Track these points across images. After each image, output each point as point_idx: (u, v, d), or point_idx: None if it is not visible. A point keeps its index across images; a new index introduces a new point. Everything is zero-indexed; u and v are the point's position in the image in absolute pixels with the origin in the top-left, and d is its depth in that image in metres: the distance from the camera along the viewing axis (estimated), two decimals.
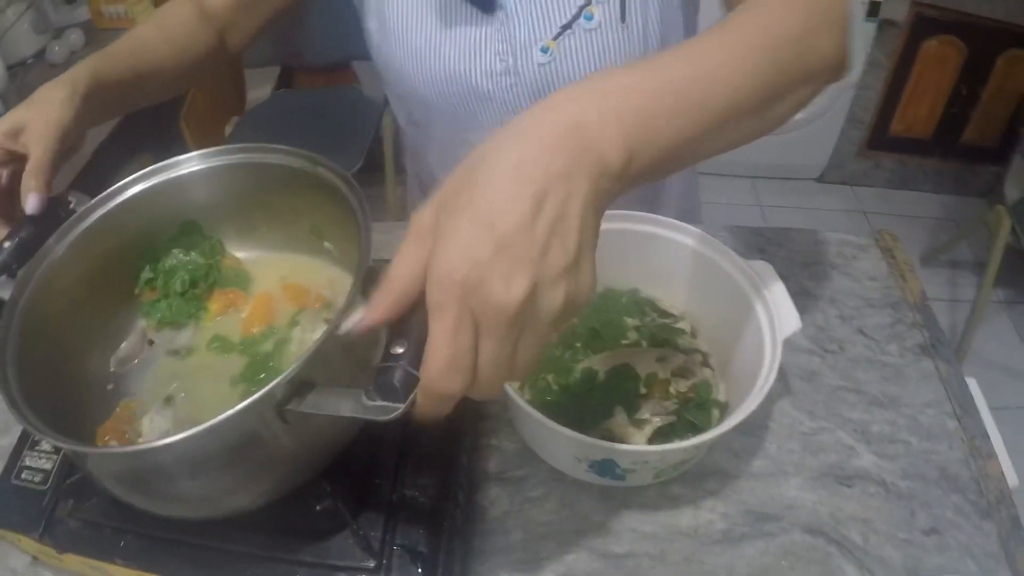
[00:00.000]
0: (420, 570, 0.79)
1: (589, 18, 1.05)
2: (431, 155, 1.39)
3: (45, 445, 0.91)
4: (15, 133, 0.90)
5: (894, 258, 1.38)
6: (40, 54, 2.36)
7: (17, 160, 0.91)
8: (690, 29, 1.20)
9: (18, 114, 0.91)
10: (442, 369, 0.54)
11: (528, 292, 0.51)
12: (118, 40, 1.09)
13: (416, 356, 0.55)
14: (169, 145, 2.57)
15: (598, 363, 1.05)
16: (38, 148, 0.88)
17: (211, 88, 2.80)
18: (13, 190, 0.91)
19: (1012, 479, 1.09)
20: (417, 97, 1.21)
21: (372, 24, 1.17)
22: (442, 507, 0.84)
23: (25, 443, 0.92)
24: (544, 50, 1.09)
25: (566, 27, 1.07)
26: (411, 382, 0.57)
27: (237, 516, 0.78)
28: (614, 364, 1.04)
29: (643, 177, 0.60)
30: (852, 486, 1.03)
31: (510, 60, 1.11)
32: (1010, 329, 3.43)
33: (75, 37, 2.35)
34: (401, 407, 0.58)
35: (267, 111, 3.03)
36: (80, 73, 0.96)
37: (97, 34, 2.36)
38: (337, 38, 2.61)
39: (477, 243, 0.51)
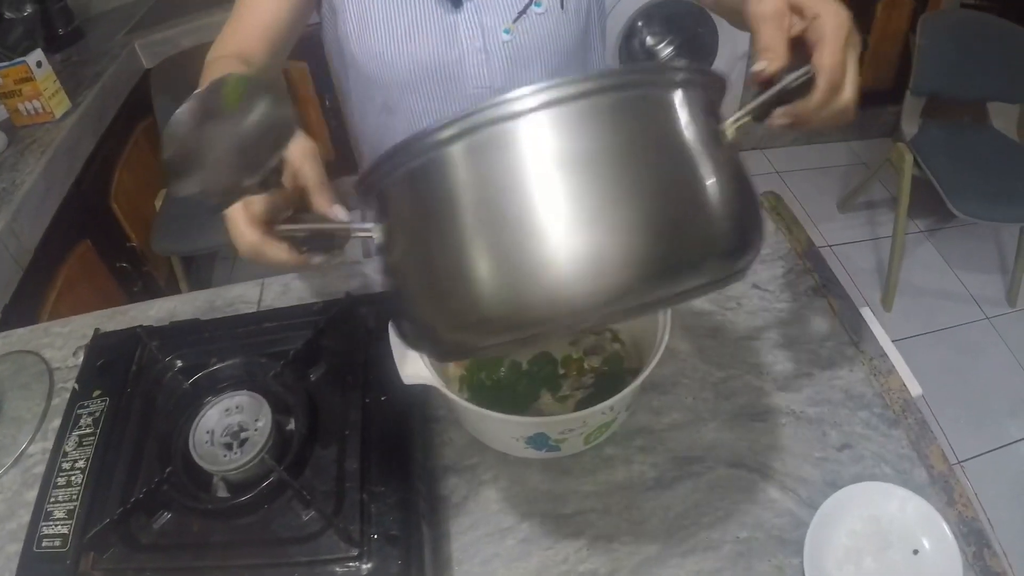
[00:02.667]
0: (397, 550, 0.92)
1: (538, 5, 1.30)
2: (400, 137, 1.44)
3: (59, 512, 1.02)
4: (290, 174, 0.88)
5: (779, 215, 1.50)
6: None
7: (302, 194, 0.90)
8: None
9: None
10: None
11: None
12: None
13: None
14: (105, 228, 2.64)
15: (521, 355, 1.17)
16: (312, 172, 0.86)
17: (135, 166, 2.85)
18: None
19: (915, 389, 1.20)
20: (397, 82, 1.36)
21: (347, 26, 1.31)
22: (407, 496, 0.97)
23: (40, 515, 1.03)
24: (507, 31, 1.30)
25: (522, 12, 1.29)
26: None
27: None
28: (534, 353, 1.17)
29: None
30: (765, 420, 1.15)
31: (480, 41, 1.30)
32: (935, 255, 3.58)
33: None
34: None
35: None
36: None
37: (17, 131, 2.39)
38: None
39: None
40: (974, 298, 3.37)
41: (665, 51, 3.86)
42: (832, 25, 0.74)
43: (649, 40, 3.86)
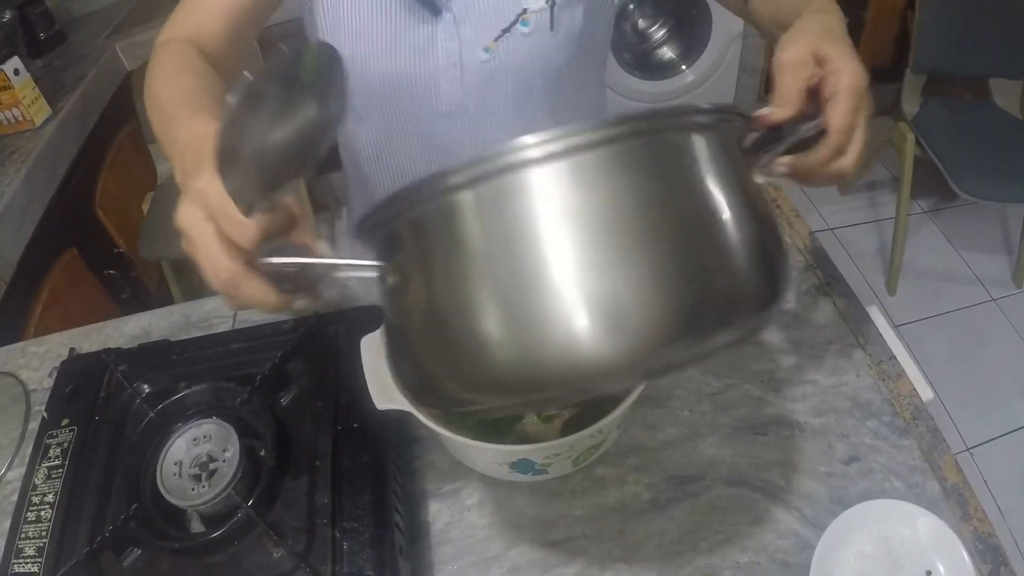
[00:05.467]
0: None
1: (525, 24, 1.18)
2: (366, 148, 1.41)
3: (29, 550, 0.97)
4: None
5: (779, 207, 1.44)
6: None
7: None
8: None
9: None
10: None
11: None
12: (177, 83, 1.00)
13: None
14: (90, 235, 2.59)
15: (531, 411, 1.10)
16: (297, 200, 0.77)
17: (120, 171, 2.81)
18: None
19: (926, 393, 1.15)
20: (367, 91, 1.27)
21: (321, 29, 1.22)
22: (381, 532, 0.91)
23: (11, 551, 0.98)
24: (486, 50, 1.20)
25: (506, 30, 1.18)
26: None
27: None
28: None
29: None
30: (767, 433, 1.09)
31: (456, 56, 1.20)
32: (938, 236, 3.52)
33: None
34: None
35: None
36: None
37: None
38: None
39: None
40: (979, 279, 3.32)
41: (657, 34, 3.80)
42: (849, 85, 0.75)
43: (641, 23, 3.81)
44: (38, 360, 1.36)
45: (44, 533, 0.99)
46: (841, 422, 1.11)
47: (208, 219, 0.69)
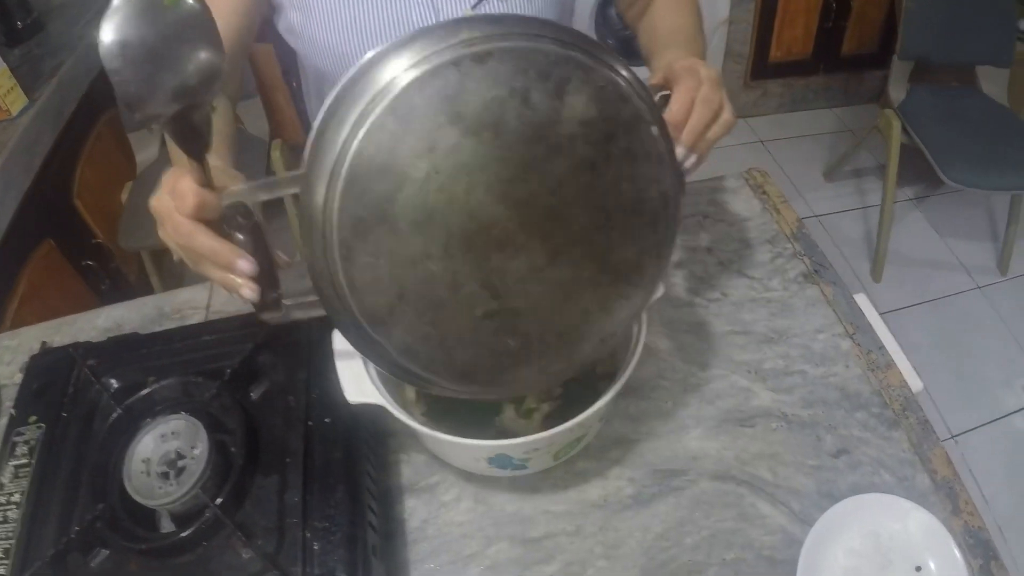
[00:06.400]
0: None
1: None
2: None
3: None
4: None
5: (766, 193, 1.42)
6: None
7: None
8: None
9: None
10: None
11: None
12: None
13: None
14: (68, 226, 2.56)
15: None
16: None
17: (99, 160, 2.77)
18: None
19: (915, 384, 1.13)
20: (343, 68, 1.23)
21: (293, 16, 1.19)
22: (354, 532, 0.88)
23: None
24: None
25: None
26: None
27: None
28: None
29: None
30: (754, 426, 1.07)
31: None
32: (924, 224, 3.51)
33: None
34: None
35: (159, 170, 2.91)
36: None
37: None
38: None
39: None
40: (964, 267, 3.30)
41: None
42: (684, 63, 0.91)
43: None
44: (10, 354, 1.32)
45: (11, 534, 0.95)
46: (830, 413, 1.08)
47: (169, 195, 0.77)
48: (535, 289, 0.75)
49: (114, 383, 1.08)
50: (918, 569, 0.91)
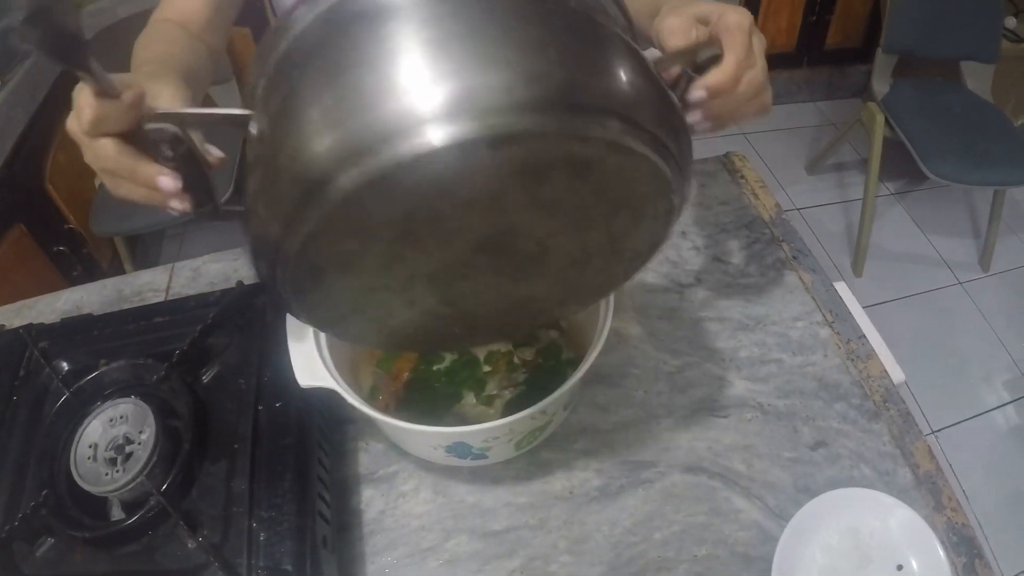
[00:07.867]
0: None
1: None
2: None
3: None
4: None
5: (744, 178, 1.38)
6: None
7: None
8: None
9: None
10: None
11: None
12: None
13: None
14: (40, 211, 2.53)
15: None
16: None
17: (72, 145, 2.73)
18: None
19: (897, 375, 1.10)
20: None
21: None
22: (301, 522, 0.84)
23: None
24: None
25: None
26: None
27: None
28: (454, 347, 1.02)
29: None
30: (728, 416, 1.03)
31: None
32: (905, 218, 3.49)
33: None
34: None
35: None
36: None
37: None
38: None
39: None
40: (946, 262, 3.29)
41: None
42: (735, 20, 0.74)
43: None
44: None
45: None
46: (807, 404, 1.05)
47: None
48: (493, 301, 0.70)
49: (65, 365, 1.04)
50: (899, 567, 0.87)
